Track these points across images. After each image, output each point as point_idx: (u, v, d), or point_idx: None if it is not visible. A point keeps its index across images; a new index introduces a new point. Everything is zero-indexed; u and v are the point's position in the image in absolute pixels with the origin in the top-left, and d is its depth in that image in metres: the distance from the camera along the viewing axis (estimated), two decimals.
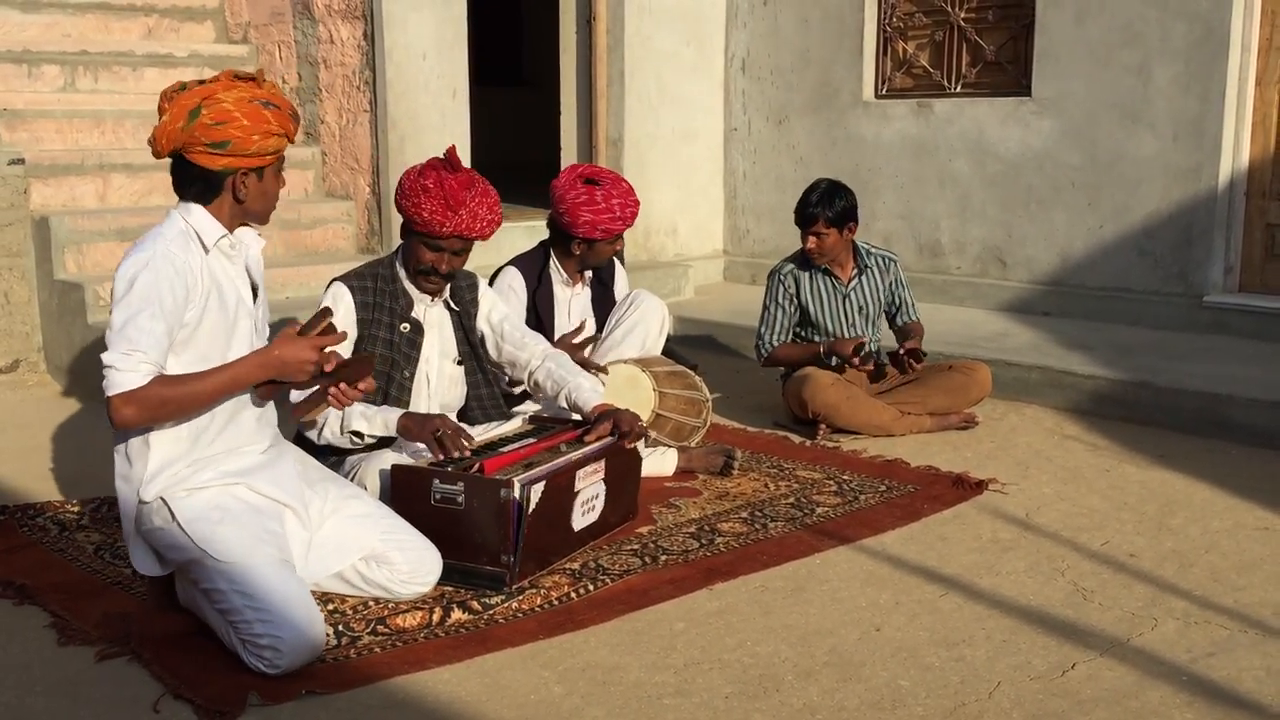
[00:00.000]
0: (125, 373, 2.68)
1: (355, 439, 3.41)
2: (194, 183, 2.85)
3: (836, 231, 4.73)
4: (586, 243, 4.17)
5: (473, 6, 6.65)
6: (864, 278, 4.92)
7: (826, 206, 4.69)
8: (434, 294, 3.59)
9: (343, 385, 2.91)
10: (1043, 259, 6.53)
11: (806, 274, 4.86)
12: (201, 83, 2.86)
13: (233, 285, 2.90)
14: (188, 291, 2.76)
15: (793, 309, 4.87)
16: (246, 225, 2.97)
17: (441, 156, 3.49)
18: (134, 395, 2.67)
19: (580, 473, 3.33)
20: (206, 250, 2.84)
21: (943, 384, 4.77)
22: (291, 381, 2.87)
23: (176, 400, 2.73)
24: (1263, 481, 4.15)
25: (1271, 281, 5.94)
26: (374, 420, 3.38)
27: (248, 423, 2.94)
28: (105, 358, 2.70)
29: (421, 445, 3.35)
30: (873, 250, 4.98)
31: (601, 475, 3.44)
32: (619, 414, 3.52)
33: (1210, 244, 5.94)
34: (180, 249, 2.78)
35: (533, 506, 3.13)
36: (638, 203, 4.20)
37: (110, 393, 2.68)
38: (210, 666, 2.70)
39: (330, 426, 3.39)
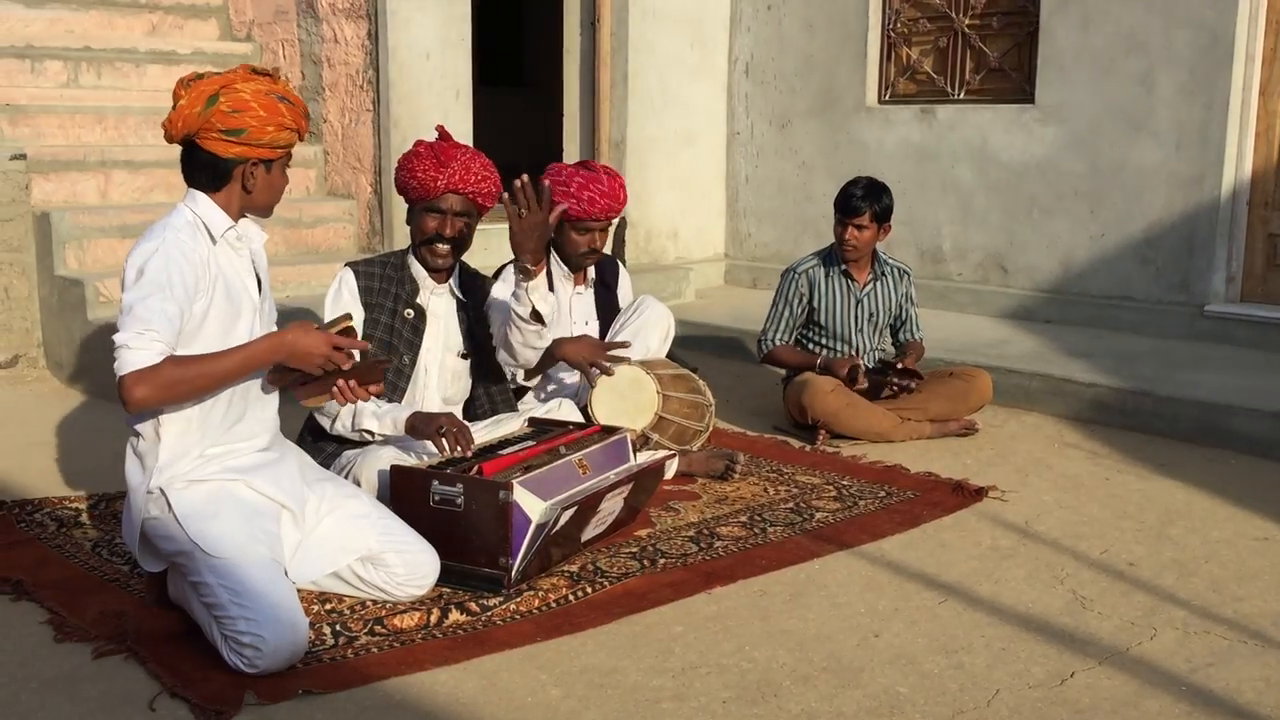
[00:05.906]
0: (137, 351, 2.65)
1: (366, 435, 3.46)
2: (203, 169, 2.86)
3: (875, 228, 4.73)
4: (564, 223, 4.09)
5: (474, 9, 6.65)
6: (879, 285, 4.91)
7: (873, 200, 4.69)
8: (442, 269, 3.61)
9: (351, 382, 2.93)
10: (1044, 266, 6.53)
11: (823, 275, 4.84)
12: (219, 73, 2.88)
13: (238, 277, 2.91)
14: (197, 280, 2.77)
15: (801, 310, 4.86)
16: (247, 218, 2.98)
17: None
18: (146, 374, 2.65)
19: (609, 494, 3.33)
20: (214, 241, 2.86)
21: (943, 390, 4.77)
22: (303, 370, 2.87)
23: (189, 380, 2.71)
24: (1263, 492, 4.14)
25: (1273, 291, 5.94)
26: (384, 419, 3.42)
27: (251, 418, 2.95)
28: (117, 338, 2.68)
29: (421, 442, 3.38)
30: (890, 260, 4.96)
31: (624, 495, 3.44)
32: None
33: (1212, 253, 5.93)
34: (189, 238, 2.80)
35: (558, 528, 3.13)
36: (623, 195, 4.13)
37: (122, 372, 2.65)
38: (207, 665, 2.69)
39: (342, 420, 3.45)
